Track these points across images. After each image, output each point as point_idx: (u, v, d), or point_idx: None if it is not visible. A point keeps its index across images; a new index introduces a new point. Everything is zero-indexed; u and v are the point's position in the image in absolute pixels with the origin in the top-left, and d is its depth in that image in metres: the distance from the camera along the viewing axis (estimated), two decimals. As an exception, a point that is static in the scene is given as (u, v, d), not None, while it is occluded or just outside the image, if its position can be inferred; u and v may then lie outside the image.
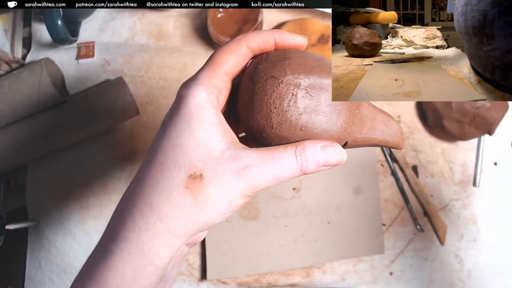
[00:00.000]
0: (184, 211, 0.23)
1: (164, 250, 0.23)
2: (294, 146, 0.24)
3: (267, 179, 0.23)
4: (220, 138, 0.24)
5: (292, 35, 0.27)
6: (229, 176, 0.23)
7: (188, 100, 0.24)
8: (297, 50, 0.26)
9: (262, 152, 0.24)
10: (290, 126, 0.24)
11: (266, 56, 0.26)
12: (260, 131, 0.25)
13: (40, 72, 0.53)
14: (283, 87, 0.24)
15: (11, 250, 0.54)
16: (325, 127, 0.25)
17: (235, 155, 0.23)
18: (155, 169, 0.24)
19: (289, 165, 0.24)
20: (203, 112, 0.24)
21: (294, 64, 0.24)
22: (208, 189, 0.23)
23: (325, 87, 0.25)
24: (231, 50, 0.26)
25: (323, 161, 0.24)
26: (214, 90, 0.25)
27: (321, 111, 0.24)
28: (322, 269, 0.54)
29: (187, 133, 0.23)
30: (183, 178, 0.23)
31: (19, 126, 0.54)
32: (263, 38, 0.26)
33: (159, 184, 0.23)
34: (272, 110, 0.24)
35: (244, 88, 0.26)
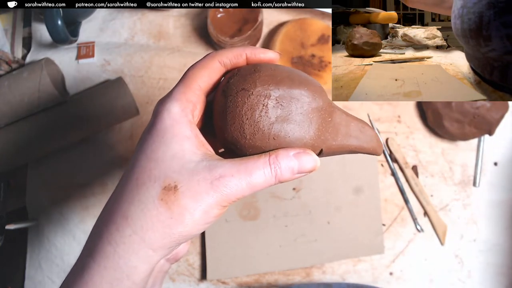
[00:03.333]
0: (159, 223, 0.23)
1: (141, 264, 0.23)
2: (267, 155, 0.24)
3: (241, 188, 0.24)
4: (194, 151, 0.24)
5: (264, 50, 0.28)
6: (203, 186, 0.23)
7: (163, 115, 0.25)
8: (268, 64, 0.27)
9: (236, 162, 0.24)
10: (263, 136, 0.25)
11: (238, 70, 0.27)
12: (235, 143, 0.25)
13: (40, 72, 0.53)
14: (254, 98, 0.25)
15: (11, 250, 0.54)
16: (298, 135, 0.25)
17: (210, 166, 0.24)
18: (131, 184, 0.24)
19: (263, 174, 0.24)
20: (178, 126, 0.24)
21: (264, 76, 0.25)
22: (183, 200, 0.23)
23: (295, 97, 0.25)
24: (204, 66, 0.27)
25: (297, 169, 0.25)
26: (188, 105, 0.25)
27: (293, 120, 0.25)
28: (322, 269, 0.54)
29: (163, 147, 0.24)
30: (158, 190, 0.23)
31: (19, 126, 0.54)
32: (234, 53, 0.27)
33: (135, 197, 0.23)
34: (244, 121, 0.25)
35: (217, 102, 0.26)
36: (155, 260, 0.24)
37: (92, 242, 0.25)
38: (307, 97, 0.25)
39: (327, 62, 0.55)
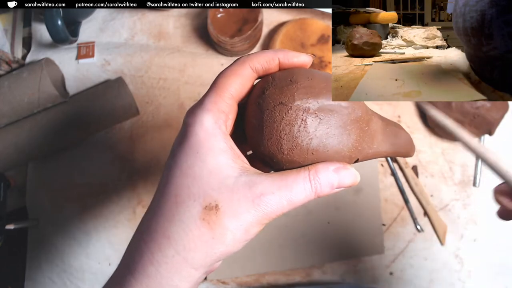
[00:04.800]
0: (201, 243, 0.23)
1: (183, 283, 0.23)
2: (307, 170, 0.24)
3: (282, 205, 0.23)
4: (231, 165, 0.23)
5: (297, 54, 0.26)
6: (244, 205, 0.23)
7: (196, 128, 0.24)
8: (303, 71, 0.26)
9: (276, 178, 0.23)
10: (301, 151, 0.24)
11: (272, 79, 0.25)
12: (271, 157, 0.25)
13: (40, 72, 0.53)
14: (292, 113, 0.24)
15: (11, 250, 0.54)
16: (336, 149, 0.24)
17: (249, 182, 0.23)
18: (170, 201, 0.23)
19: (303, 190, 0.23)
20: (212, 140, 0.23)
21: (302, 88, 0.24)
22: (225, 220, 0.22)
23: (334, 109, 0.24)
24: (235, 73, 0.25)
25: (337, 184, 0.24)
26: (221, 116, 0.24)
27: (332, 134, 0.24)
28: (322, 269, 0.54)
29: (199, 163, 0.23)
30: (199, 210, 0.23)
31: (19, 126, 0.54)
32: (266, 58, 0.26)
33: (175, 217, 0.23)
34: (283, 137, 0.24)
35: (252, 115, 0.25)
36: (197, 278, 0.24)
37: (132, 259, 0.24)
38: (346, 108, 0.24)
39: (327, 62, 0.55)
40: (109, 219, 0.55)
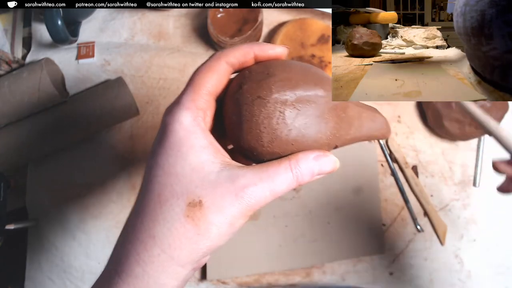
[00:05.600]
0: (187, 240, 0.23)
1: (170, 281, 0.23)
2: (288, 160, 0.24)
3: (265, 196, 0.23)
4: (213, 160, 0.24)
5: (272, 46, 0.27)
6: (228, 199, 0.23)
7: (175, 127, 0.24)
8: (280, 63, 0.26)
9: (258, 170, 0.24)
10: (281, 143, 0.24)
11: (249, 73, 0.26)
12: (252, 150, 0.25)
13: (40, 72, 0.53)
14: (270, 106, 0.24)
15: (11, 250, 0.54)
16: (315, 138, 0.25)
17: (231, 176, 0.23)
18: (153, 201, 0.24)
19: (285, 179, 0.24)
20: (192, 137, 0.24)
21: (279, 81, 0.24)
22: (209, 216, 0.23)
23: (311, 99, 0.25)
24: (211, 69, 0.25)
25: (317, 171, 0.25)
26: (199, 113, 0.25)
27: (310, 123, 0.25)
28: (322, 269, 0.54)
29: (180, 161, 0.23)
30: (183, 207, 0.23)
31: (19, 126, 0.54)
32: (241, 52, 0.26)
33: (159, 216, 0.23)
34: (262, 130, 0.24)
35: (230, 110, 0.26)
36: (184, 275, 0.24)
37: (118, 260, 0.24)
38: (323, 97, 0.25)
39: (327, 62, 0.55)
40: (109, 219, 0.55)
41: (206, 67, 0.26)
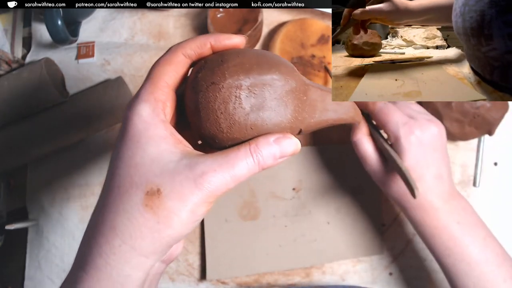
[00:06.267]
0: (147, 229, 0.23)
1: (134, 272, 0.23)
2: (248, 145, 0.24)
3: (226, 182, 0.23)
4: (172, 150, 0.24)
5: (228, 36, 0.27)
6: (187, 186, 0.23)
7: (134, 119, 0.24)
8: (235, 50, 0.26)
9: (217, 156, 0.24)
10: (240, 128, 0.24)
11: (205, 62, 0.26)
12: (213, 138, 0.25)
13: (40, 72, 0.53)
14: (225, 91, 0.24)
15: (11, 250, 0.54)
16: (275, 121, 0.25)
17: (190, 163, 0.23)
18: (113, 193, 0.24)
19: (246, 164, 0.24)
20: (152, 129, 0.24)
21: (232, 66, 0.24)
22: (168, 203, 0.23)
23: (267, 83, 0.25)
24: (168, 61, 0.26)
25: (279, 153, 0.25)
26: (158, 104, 0.25)
27: (268, 107, 0.25)
28: (322, 269, 0.54)
29: (140, 152, 0.24)
30: (141, 197, 0.23)
31: (19, 126, 0.54)
32: (198, 43, 0.26)
33: (119, 206, 0.23)
34: (219, 116, 0.24)
35: (189, 99, 0.26)
36: (149, 266, 0.24)
37: (83, 254, 0.25)
38: (279, 80, 0.25)
39: (327, 62, 0.55)
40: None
41: (163, 60, 0.26)
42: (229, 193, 0.54)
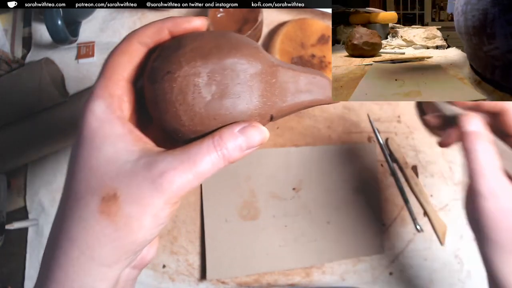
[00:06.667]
0: (105, 238, 0.21)
1: (98, 283, 0.22)
2: (211, 137, 0.22)
3: (188, 180, 0.21)
4: (130, 149, 0.22)
5: (188, 18, 0.24)
6: (145, 188, 0.21)
7: (88, 118, 0.22)
8: (193, 34, 0.24)
9: (178, 153, 0.21)
10: (202, 119, 0.22)
11: (161, 49, 0.24)
12: (176, 131, 0.23)
13: (40, 72, 0.53)
14: (182, 80, 0.22)
15: (11, 250, 0.54)
16: (241, 108, 0.23)
17: (149, 162, 0.21)
18: (70, 199, 0.22)
19: (209, 159, 0.21)
20: (107, 126, 0.22)
21: (189, 52, 0.22)
22: (126, 209, 0.21)
23: (228, 67, 0.22)
24: (122, 52, 0.24)
25: (245, 145, 0.22)
26: (113, 100, 0.23)
27: (231, 93, 0.22)
28: (322, 269, 0.54)
29: (94, 153, 0.22)
30: (97, 203, 0.21)
31: (19, 126, 0.54)
32: (154, 29, 0.24)
33: (75, 214, 0.21)
34: (178, 108, 0.22)
35: (146, 91, 0.24)
36: (114, 276, 0.22)
37: (44, 267, 0.23)
38: (242, 64, 0.23)
39: (327, 62, 0.55)
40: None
41: (117, 50, 0.24)
42: (229, 193, 0.54)
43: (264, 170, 0.55)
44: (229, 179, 0.54)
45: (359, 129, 0.58)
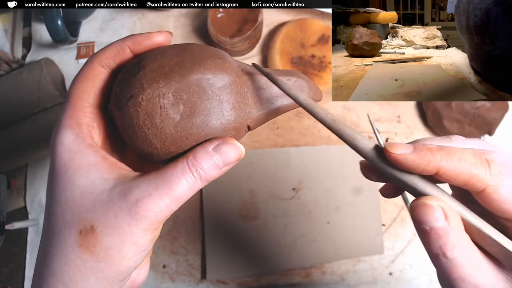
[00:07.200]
0: (87, 270, 0.21)
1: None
2: (184, 159, 0.21)
3: (166, 205, 0.21)
4: (105, 177, 0.21)
5: (147, 35, 0.24)
6: (122, 217, 0.20)
7: (58, 150, 0.22)
8: (153, 52, 0.23)
9: (153, 178, 0.21)
10: (174, 140, 0.21)
11: (123, 72, 0.23)
12: (150, 156, 0.22)
13: (40, 72, 0.53)
14: (146, 104, 0.21)
15: (11, 250, 0.54)
16: (213, 125, 0.22)
17: (124, 190, 0.21)
18: (49, 235, 0.22)
19: (185, 182, 0.21)
20: (78, 157, 0.21)
21: (150, 73, 0.21)
22: (104, 240, 0.20)
23: (193, 84, 0.21)
24: (85, 77, 0.23)
25: (221, 163, 0.22)
26: (82, 128, 0.22)
27: (200, 111, 0.21)
28: (322, 269, 0.54)
29: (68, 186, 0.21)
30: (76, 237, 0.21)
31: (19, 126, 0.54)
32: (114, 50, 0.24)
33: (55, 249, 0.21)
34: (147, 132, 0.21)
35: (114, 116, 0.23)
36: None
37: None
38: (207, 78, 0.21)
39: (327, 62, 0.55)
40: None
41: (79, 76, 0.23)
42: (229, 193, 0.54)
43: (264, 170, 0.55)
44: (229, 179, 0.54)
45: (359, 129, 0.58)
